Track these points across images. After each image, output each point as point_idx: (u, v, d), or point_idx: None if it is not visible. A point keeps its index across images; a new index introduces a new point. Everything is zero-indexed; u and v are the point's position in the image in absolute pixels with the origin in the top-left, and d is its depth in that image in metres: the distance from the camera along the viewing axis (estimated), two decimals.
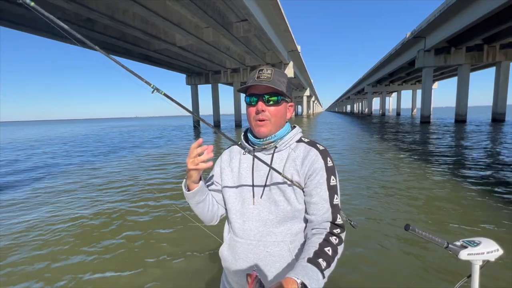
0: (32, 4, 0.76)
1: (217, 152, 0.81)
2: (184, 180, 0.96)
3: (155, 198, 4.91)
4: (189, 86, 31.18)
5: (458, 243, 0.91)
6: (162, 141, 16.20)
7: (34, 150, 13.69)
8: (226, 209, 1.05)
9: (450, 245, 0.90)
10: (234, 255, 0.97)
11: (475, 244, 0.88)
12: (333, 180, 0.91)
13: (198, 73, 29.87)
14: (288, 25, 18.98)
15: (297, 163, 0.93)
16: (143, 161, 9.09)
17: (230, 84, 32.49)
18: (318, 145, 0.97)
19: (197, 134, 21.12)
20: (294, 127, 1.03)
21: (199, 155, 0.87)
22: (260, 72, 0.93)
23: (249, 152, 0.99)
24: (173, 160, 9.07)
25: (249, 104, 0.96)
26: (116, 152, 11.98)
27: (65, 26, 0.83)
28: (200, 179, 0.96)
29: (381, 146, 10.61)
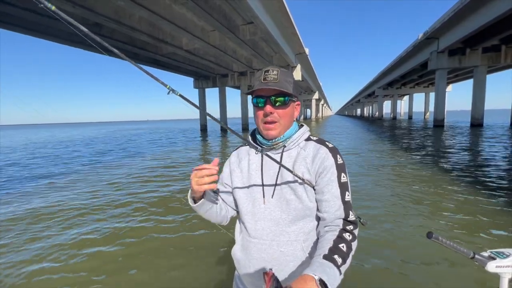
0: (53, 8, 0.74)
1: (225, 155, 0.57)
2: (189, 191, 0.94)
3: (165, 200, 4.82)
4: (197, 90, 31.33)
5: (485, 254, 0.86)
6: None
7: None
8: (237, 210, 1.05)
9: (476, 256, 0.84)
10: (248, 255, 0.96)
11: (504, 256, 0.83)
12: (343, 177, 0.91)
13: (205, 76, 29.98)
14: (296, 28, 18.72)
15: (308, 161, 0.92)
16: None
17: (237, 87, 32.42)
18: (327, 143, 0.97)
19: (204, 137, 21.06)
20: (302, 125, 1.03)
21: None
22: (266, 73, 0.91)
23: (260, 152, 0.97)
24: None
25: (256, 106, 0.94)
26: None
27: (85, 29, 0.82)
28: (204, 192, 0.94)
29: (393, 149, 10.14)
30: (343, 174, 0.91)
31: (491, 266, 0.82)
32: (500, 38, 18.35)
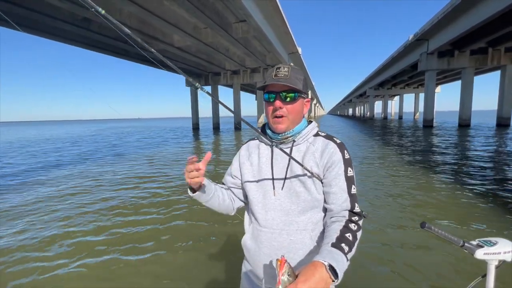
0: (103, 12, 0.75)
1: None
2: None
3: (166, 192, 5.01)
4: (189, 88, 30.98)
5: (474, 242, 0.91)
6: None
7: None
8: (248, 201, 1.08)
9: (466, 244, 0.90)
10: (258, 244, 1.00)
11: (491, 244, 0.88)
12: (350, 171, 0.96)
13: (197, 74, 29.67)
14: (289, 27, 18.70)
15: (316, 156, 0.97)
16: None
17: (230, 86, 32.23)
18: (335, 138, 1.01)
19: (196, 136, 20.84)
20: (310, 122, 1.07)
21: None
22: (278, 70, 0.96)
23: (274, 145, 1.01)
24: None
25: (267, 101, 0.99)
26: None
27: (154, 51, 0.86)
28: (202, 185, 0.97)
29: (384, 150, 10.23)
30: (349, 169, 0.96)
31: (479, 254, 0.87)
32: (487, 40, 18.82)
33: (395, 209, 4.12)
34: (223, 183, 1.16)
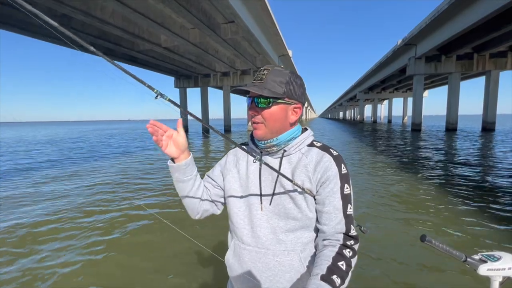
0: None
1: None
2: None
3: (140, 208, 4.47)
4: (178, 89, 30.42)
5: (476, 257, 0.86)
6: None
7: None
8: (230, 214, 0.99)
9: (468, 259, 0.85)
10: (241, 263, 0.92)
11: (495, 259, 0.83)
12: (347, 188, 0.86)
13: (187, 76, 29.19)
14: (278, 29, 18.54)
15: (309, 169, 0.87)
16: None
17: (220, 87, 31.83)
18: (331, 150, 0.91)
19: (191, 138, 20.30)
20: (305, 129, 0.96)
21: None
22: (259, 72, 0.88)
23: (259, 160, 0.89)
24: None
25: (248, 105, 0.93)
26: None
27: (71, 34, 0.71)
28: (187, 157, 0.89)
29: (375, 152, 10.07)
30: (346, 185, 0.86)
31: (483, 269, 0.82)
32: (473, 46, 19.15)
33: (391, 216, 3.90)
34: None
